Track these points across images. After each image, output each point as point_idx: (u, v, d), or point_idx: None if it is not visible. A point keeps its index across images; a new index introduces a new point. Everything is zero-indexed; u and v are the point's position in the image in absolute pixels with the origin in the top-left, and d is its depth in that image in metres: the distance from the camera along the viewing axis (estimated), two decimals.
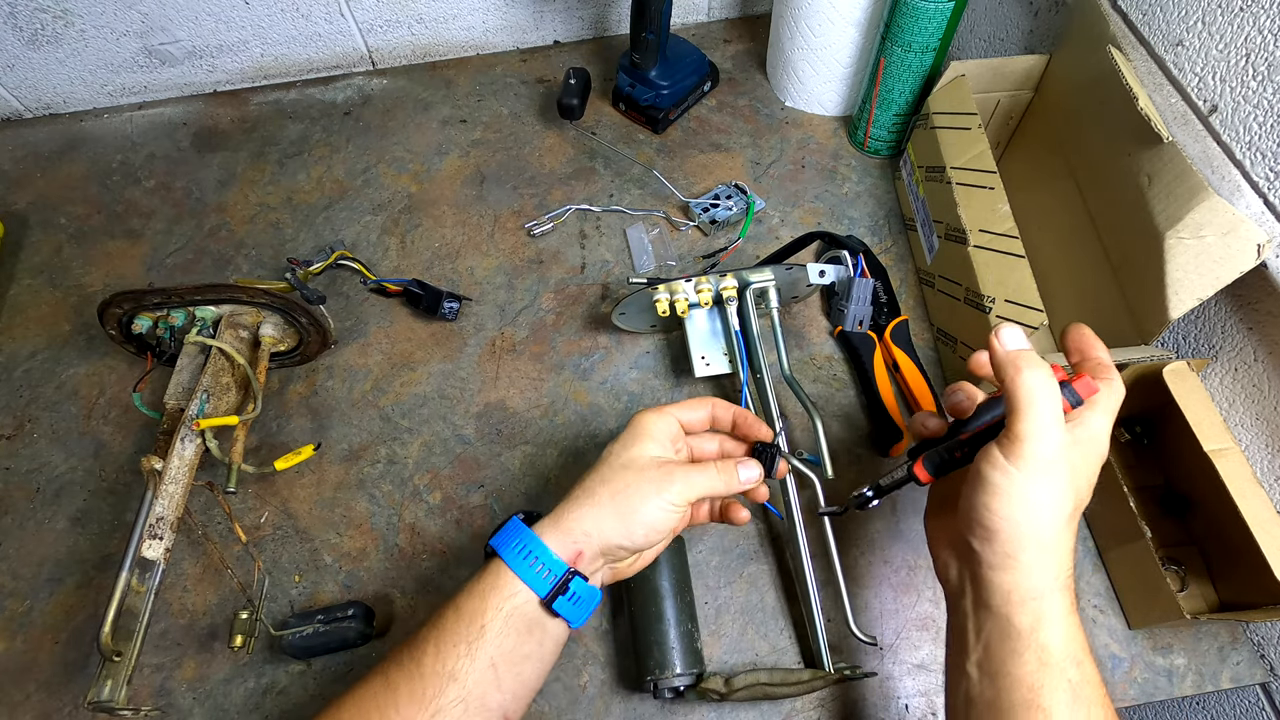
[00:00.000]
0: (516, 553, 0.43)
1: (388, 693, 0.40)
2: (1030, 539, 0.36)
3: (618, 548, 0.44)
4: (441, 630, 0.41)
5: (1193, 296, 0.50)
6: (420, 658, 0.40)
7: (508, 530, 0.44)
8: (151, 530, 0.53)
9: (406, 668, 0.40)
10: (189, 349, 0.62)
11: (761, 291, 0.62)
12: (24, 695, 0.55)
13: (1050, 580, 0.37)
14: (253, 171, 0.81)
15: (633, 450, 0.46)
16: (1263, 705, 0.57)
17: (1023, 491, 0.36)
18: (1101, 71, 0.57)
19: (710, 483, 0.46)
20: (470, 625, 0.41)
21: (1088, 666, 0.37)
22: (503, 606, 0.42)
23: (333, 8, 0.82)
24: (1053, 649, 0.36)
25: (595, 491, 0.44)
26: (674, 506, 0.44)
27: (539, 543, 0.43)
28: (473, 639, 0.41)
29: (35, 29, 0.77)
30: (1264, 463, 0.54)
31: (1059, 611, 0.37)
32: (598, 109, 0.86)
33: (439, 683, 0.40)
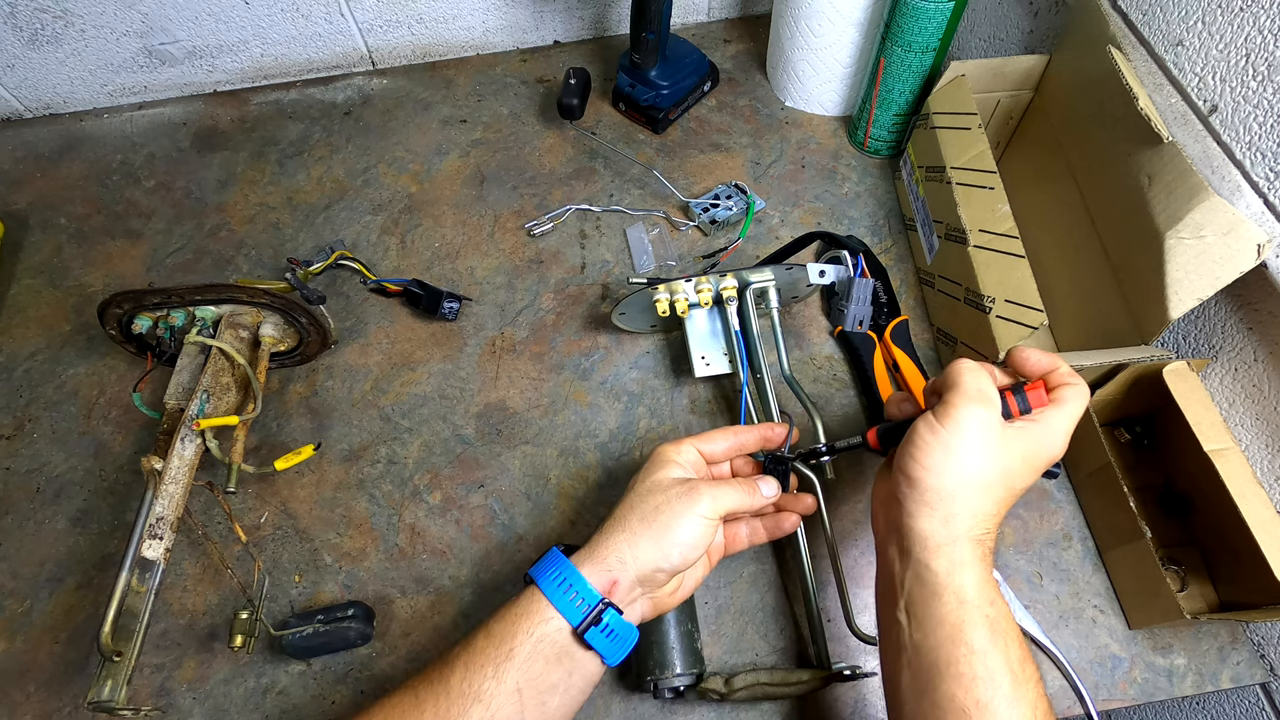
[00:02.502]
0: (552, 580, 0.43)
1: (415, 709, 0.40)
2: (947, 491, 0.40)
3: (655, 571, 0.44)
4: (471, 651, 0.42)
5: (1193, 296, 0.50)
6: (448, 676, 0.41)
7: (546, 560, 0.45)
8: (151, 530, 0.53)
9: (435, 686, 0.41)
10: (189, 349, 0.62)
11: (761, 291, 0.62)
12: (24, 695, 0.55)
13: (963, 531, 0.40)
14: (253, 171, 0.81)
15: (656, 475, 0.47)
16: (1263, 705, 0.57)
17: (944, 446, 0.40)
18: (1101, 71, 0.57)
19: (737, 496, 0.47)
20: (499, 648, 0.41)
21: (1001, 605, 0.40)
22: (533, 632, 0.42)
23: (333, 8, 0.82)
24: (968, 589, 0.39)
25: (625, 519, 0.45)
26: (706, 520, 0.45)
27: (575, 572, 0.43)
28: (500, 661, 0.41)
29: (35, 29, 0.77)
30: (1264, 463, 0.54)
31: (970, 558, 0.40)
32: (598, 109, 0.86)
33: (464, 703, 0.40)
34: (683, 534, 0.44)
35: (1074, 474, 0.62)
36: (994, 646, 0.38)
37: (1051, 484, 0.62)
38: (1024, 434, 0.42)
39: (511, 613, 0.43)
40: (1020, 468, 0.42)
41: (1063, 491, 0.62)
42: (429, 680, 0.41)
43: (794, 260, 0.70)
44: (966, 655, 0.38)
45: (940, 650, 0.39)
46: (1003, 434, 0.41)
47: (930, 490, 0.41)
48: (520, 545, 0.60)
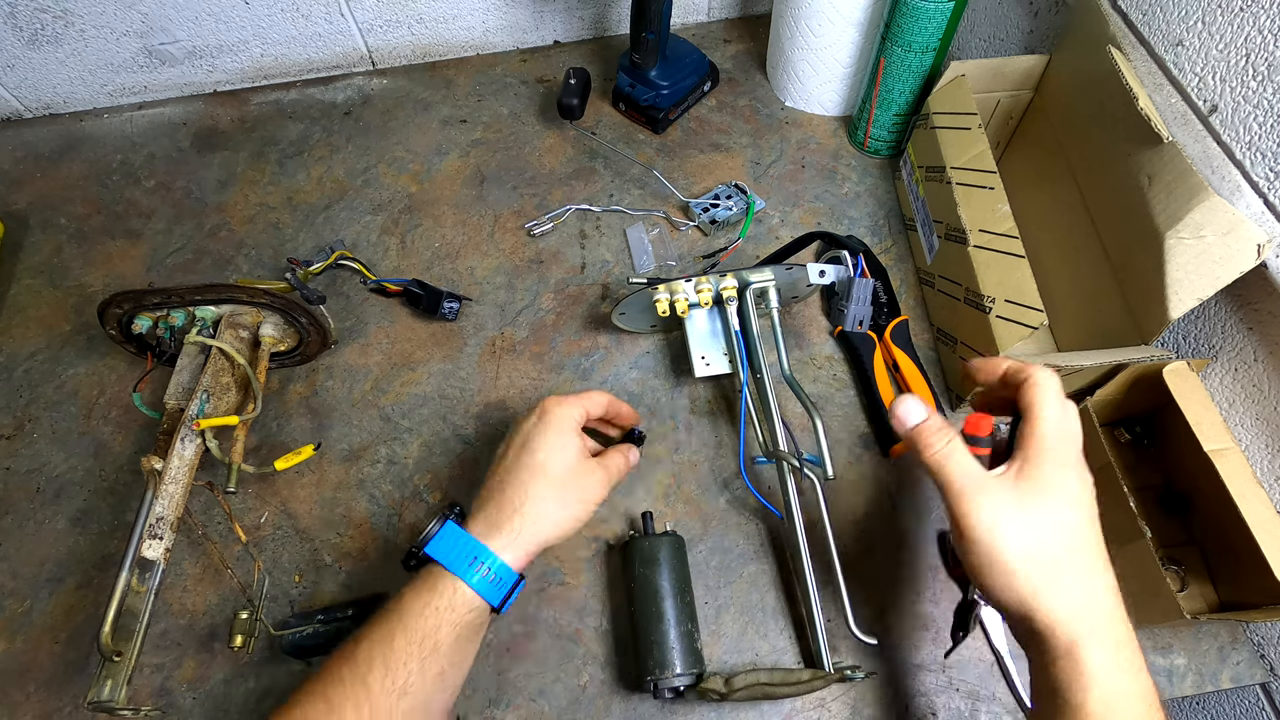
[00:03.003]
0: (470, 567, 0.43)
1: (331, 715, 0.39)
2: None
3: (557, 541, 0.48)
4: (390, 650, 0.41)
5: (1193, 296, 0.50)
6: (365, 677, 0.40)
7: (452, 541, 0.44)
8: (151, 530, 0.53)
9: (351, 688, 0.40)
10: (189, 349, 0.62)
11: (761, 291, 0.62)
12: (24, 695, 0.55)
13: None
14: (253, 171, 0.81)
15: (565, 455, 0.49)
16: (1263, 705, 0.57)
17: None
18: (1101, 71, 0.57)
19: (623, 470, 0.53)
20: (423, 644, 0.41)
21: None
22: (458, 623, 0.42)
23: (333, 8, 0.82)
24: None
25: (545, 502, 0.47)
26: (605, 495, 0.50)
27: (494, 558, 0.44)
28: (425, 656, 0.41)
29: (35, 29, 0.77)
30: (1264, 463, 0.54)
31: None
32: (598, 109, 0.86)
33: (390, 700, 0.40)
34: (593, 509, 0.49)
35: None
36: None
37: None
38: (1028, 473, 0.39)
39: (431, 605, 0.42)
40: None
41: None
42: (339, 681, 0.40)
43: (794, 260, 0.70)
44: None
45: None
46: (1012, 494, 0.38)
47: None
48: None
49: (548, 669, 0.55)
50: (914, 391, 0.64)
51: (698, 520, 0.61)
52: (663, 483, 0.62)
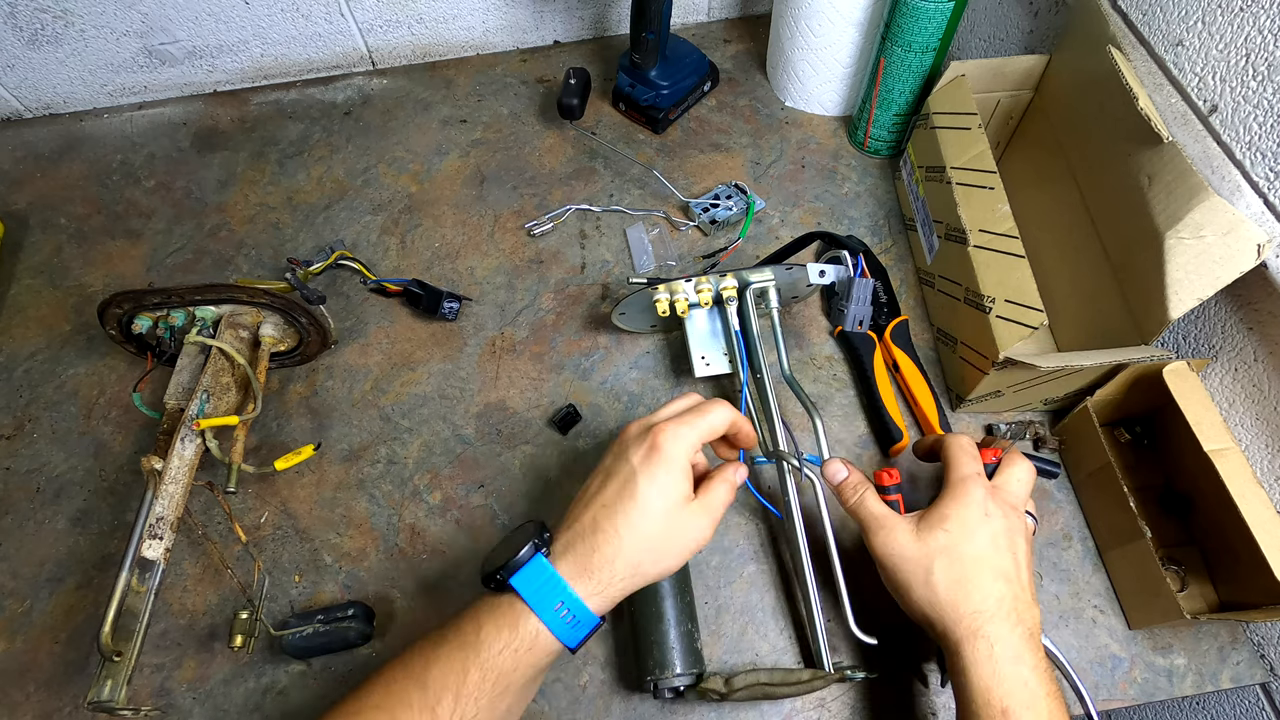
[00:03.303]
0: (554, 610, 0.41)
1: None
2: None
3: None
4: (464, 682, 0.40)
5: (1193, 296, 0.50)
6: (435, 706, 0.39)
7: (540, 578, 0.42)
8: (151, 530, 0.53)
9: (420, 714, 0.39)
10: (189, 349, 0.62)
11: (761, 291, 0.62)
12: (24, 695, 0.55)
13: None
14: (253, 171, 0.81)
15: (669, 500, 0.44)
16: (1263, 705, 0.57)
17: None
18: (1101, 71, 0.57)
19: (726, 504, 0.47)
20: (497, 683, 0.40)
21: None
22: (536, 664, 0.42)
23: (333, 8, 0.82)
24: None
25: (639, 553, 0.43)
26: (712, 532, 0.46)
27: (579, 603, 0.42)
28: (496, 694, 0.40)
29: (35, 29, 0.77)
30: (1264, 463, 0.54)
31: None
32: (598, 109, 0.86)
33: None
34: (682, 563, 0.46)
35: (1074, 474, 0.62)
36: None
37: (1051, 484, 0.62)
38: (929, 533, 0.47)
39: (511, 647, 0.41)
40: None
41: (1063, 491, 0.62)
42: (406, 705, 0.39)
43: (794, 260, 0.70)
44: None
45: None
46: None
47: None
48: None
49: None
50: (914, 392, 0.64)
51: None
52: None
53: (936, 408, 0.63)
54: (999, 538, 0.45)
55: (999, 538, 0.45)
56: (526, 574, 0.42)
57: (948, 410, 0.65)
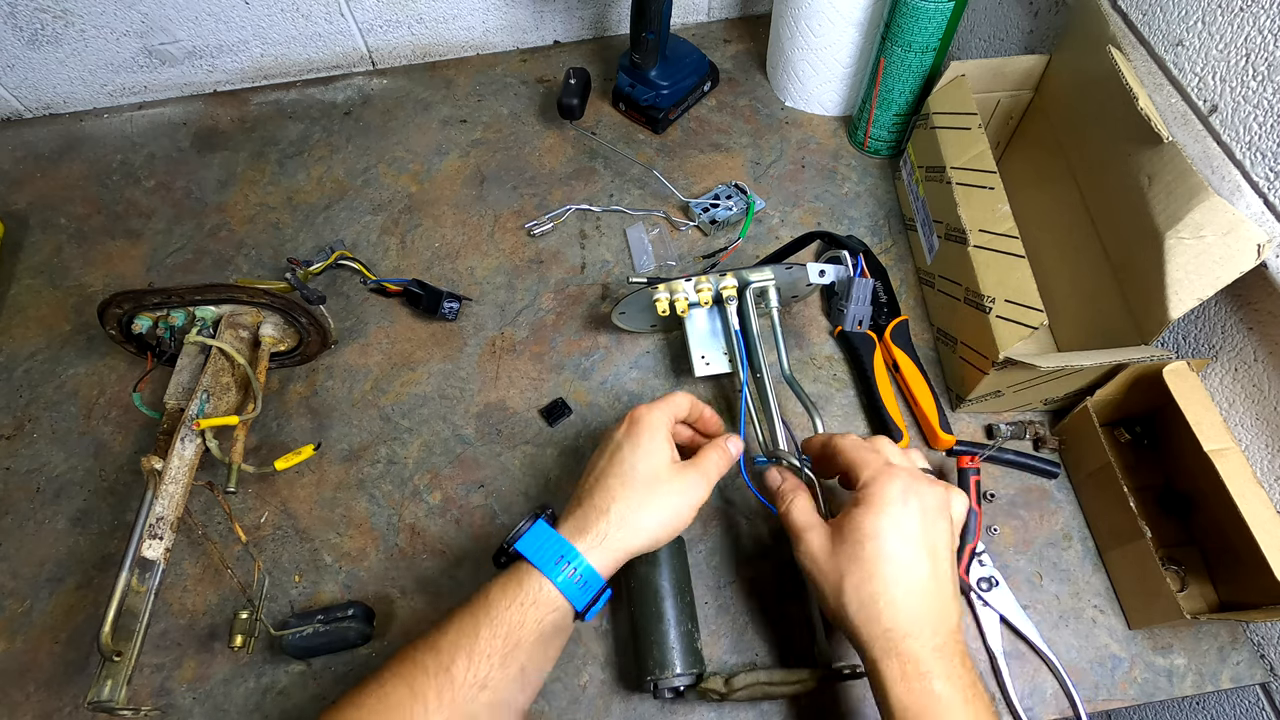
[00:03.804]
0: (557, 566, 0.44)
1: (413, 699, 0.40)
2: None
3: (649, 548, 0.48)
4: (475, 641, 0.41)
5: (1193, 296, 0.50)
6: (450, 666, 0.41)
7: (542, 540, 0.45)
8: (151, 530, 0.53)
9: (434, 676, 0.40)
10: (189, 349, 0.62)
11: (761, 291, 0.62)
12: (24, 695, 0.55)
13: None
14: (253, 171, 0.81)
15: (654, 460, 0.48)
16: (1263, 705, 0.57)
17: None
18: (1101, 71, 0.57)
19: (722, 468, 0.50)
20: (507, 639, 0.42)
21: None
22: (543, 620, 0.43)
23: (333, 8, 0.82)
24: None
25: (637, 511, 0.46)
26: (705, 498, 0.49)
27: (582, 560, 0.44)
28: (508, 652, 0.42)
29: (35, 29, 0.77)
30: (1264, 463, 0.54)
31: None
32: (598, 109, 0.86)
33: (471, 690, 0.40)
34: (687, 513, 0.48)
35: (1074, 474, 0.62)
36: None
37: (1051, 484, 0.62)
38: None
39: (516, 601, 0.43)
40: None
41: (1063, 491, 0.62)
42: (423, 669, 0.41)
43: (794, 260, 0.70)
44: None
45: None
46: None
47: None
48: None
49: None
50: (913, 392, 0.64)
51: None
52: None
53: (936, 408, 0.63)
54: (916, 538, 0.43)
55: (916, 538, 0.43)
56: (529, 538, 0.45)
57: (948, 410, 0.65)
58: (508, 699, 0.42)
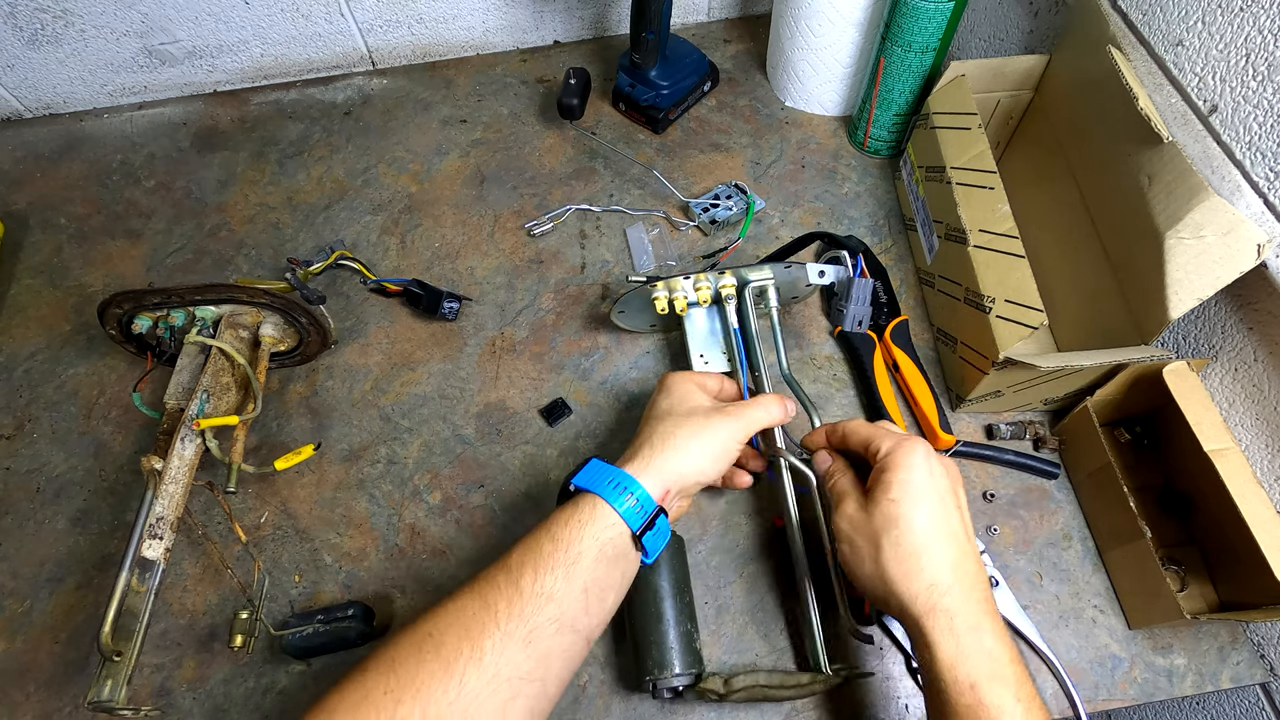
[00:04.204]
0: (612, 488, 0.45)
1: (485, 611, 0.41)
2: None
3: (695, 482, 0.49)
4: (539, 555, 0.43)
5: (1193, 296, 0.50)
6: (518, 580, 0.42)
7: (596, 471, 0.47)
8: (151, 530, 0.53)
9: (504, 589, 0.42)
10: (189, 349, 0.62)
11: (760, 291, 0.62)
12: (24, 695, 0.55)
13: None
14: (253, 171, 0.81)
15: (691, 400, 0.52)
16: (1263, 705, 0.57)
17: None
18: (1101, 71, 0.57)
19: (769, 414, 0.53)
20: (568, 552, 0.43)
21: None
22: (600, 537, 0.44)
23: (333, 8, 0.82)
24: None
25: (672, 434, 0.49)
26: (740, 440, 0.50)
27: (633, 481, 0.46)
28: (570, 564, 0.43)
29: (35, 29, 0.77)
30: (1264, 463, 0.54)
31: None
32: (598, 109, 0.86)
33: (538, 602, 0.41)
34: (723, 449, 0.50)
35: (1074, 474, 0.62)
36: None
37: (1051, 484, 0.62)
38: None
39: (575, 519, 0.44)
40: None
41: (1063, 491, 0.62)
42: (494, 584, 0.42)
43: (794, 260, 0.70)
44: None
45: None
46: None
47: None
48: None
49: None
50: (914, 392, 0.64)
51: (698, 520, 0.61)
52: None
53: (936, 408, 0.63)
54: (946, 496, 0.44)
55: (946, 496, 0.44)
56: (585, 472, 0.47)
57: (948, 410, 0.65)
58: (571, 616, 0.42)
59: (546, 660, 0.41)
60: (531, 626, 0.41)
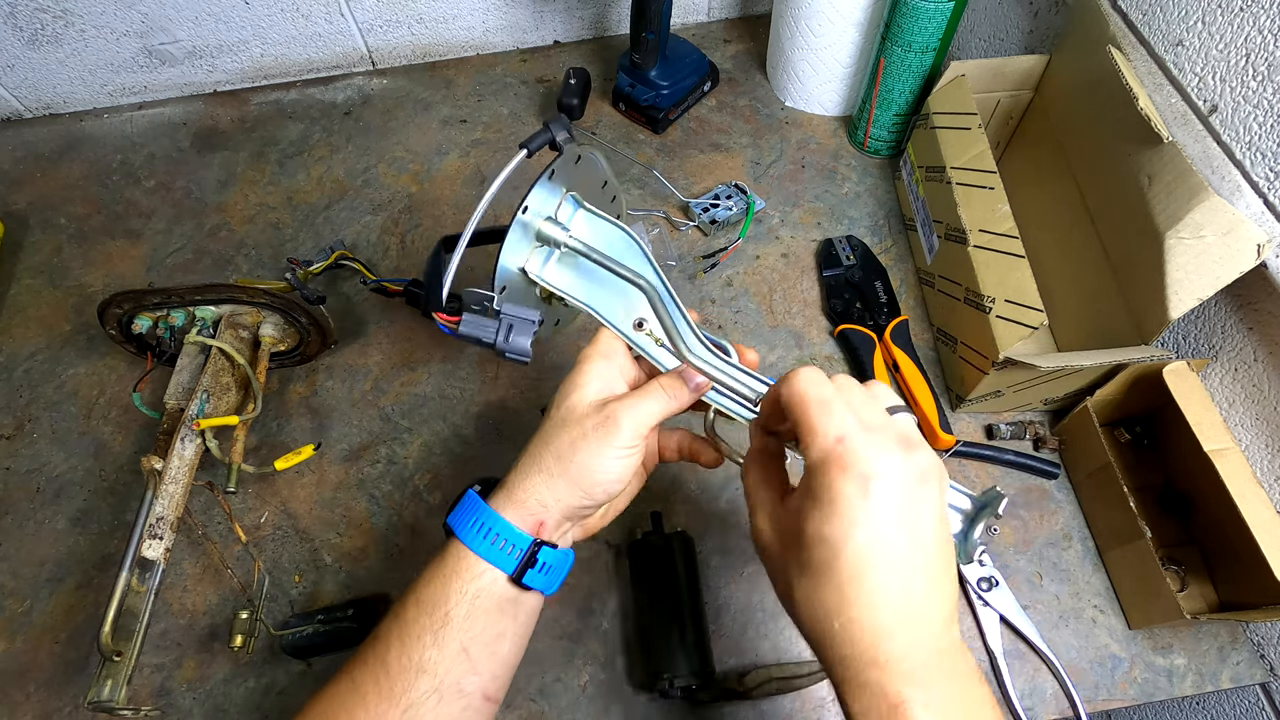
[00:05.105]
0: (475, 531, 0.40)
1: (353, 694, 0.38)
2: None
3: (580, 510, 0.41)
4: (404, 624, 0.39)
5: (1193, 296, 0.50)
6: (384, 655, 0.38)
7: (464, 508, 0.41)
8: (151, 530, 0.53)
9: (371, 666, 0.38)
10: (189, 349, 0.62)
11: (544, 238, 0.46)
12: (24, 695, 0.55)
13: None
14: (253, 171, 0.81)
15: (570, 399, 0.42)
16: (1263, 705, 0.57)
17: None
18: (1101, 71, 0.57)
19: (659, 405, 0.41)
20: (433, 615, 0.39)
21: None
22: (466, 590, 0.39)
23: (333, 8, 0.82)
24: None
25: (540, 456, 0.41)
26: (628, 451, 0.40)
27: (498, 518, 0.40)
28: (438, 628, 0.38)
29: (35, 29, 0.77)
30: (1264, 463, 0.54)
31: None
32: (598, 109, 0.86)
33: (407, 678, 0.38)
34: (602, 473, 0.40)
35: (1074, 474, 0.62)
36: None
37: (1051, 484, 0.62)
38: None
39: (439, 575, 0.40)
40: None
41: (1063, 491, 0.62)
42: (364, 662, 0.39)
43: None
44: None
45: None
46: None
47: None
48: None
49: (548, 669, 0.55)
50: (914, 392, 0.64)
51: (698, 520, 0.61)
52: (663, 482, 0.62)
53: (936, 408, 0.63)
54: (880, 538, 0.31)
55: (880, 538, 0.31)
56: (459, 509, 0.41)
57: (948, 410, 0.65)
58: (454, 682, 0.38)
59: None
60: (405, 705, 0.37)
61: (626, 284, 0.45)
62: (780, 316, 0.71)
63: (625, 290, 0.45)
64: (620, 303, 0.45)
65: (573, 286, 0.46)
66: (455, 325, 0.46)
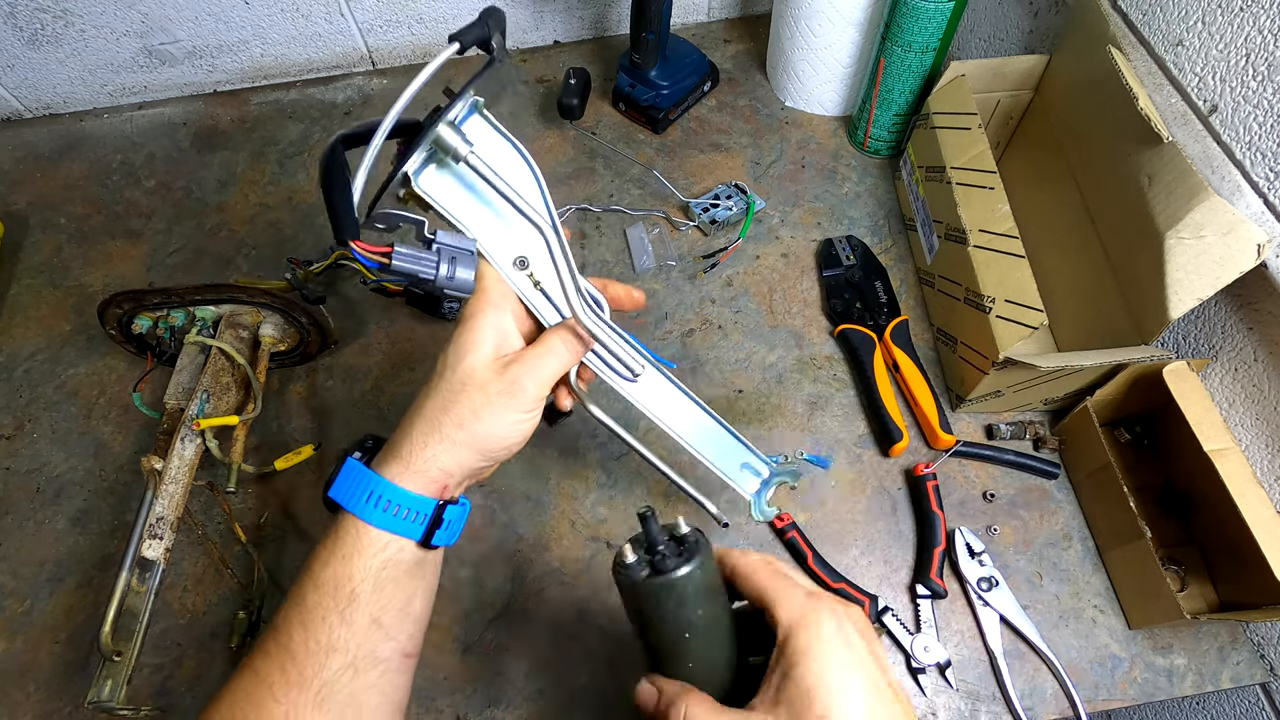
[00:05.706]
0: (371, 506, 0.37)
1: (260, 686, 0.37)
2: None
3: (482, 469, 0.41)
4: (305, 609, 0.37)
5: (1193, 296, 0.50)
6: (287, 643, 0.37)
7: (351, 480, 0.38)
8: (151, 530, 0.53)
9: (274, 656, 0.37)
10: (189, 349, 0.62)
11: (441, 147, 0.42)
12: (24, 695, 0.55)
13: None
14: (253, 171, 0.81)
15: (466, 360, 0.39)
16: (1263, 705, 0.57)
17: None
18: (1101, 71, 0.57)
19: (559, 362, 0.41)
20: (336, 595, 0.37)
21: None
22: (370, 565, 0.37)
23: (333, 8, 0.82)
24: None
25: (440, 424, 0.38)
26: (530, 414, 0.40)
27: (396, 489, 0.38)
28: (343, 608, 0.37)
29: (35, 29, 0.77)
30: (1264, 463, 0.54)
31: None
32: (598, 109, 0.86)
33: (317, 660, 0.36)
34: (507, 436, 0.39)
35: (1074, 474, 0.62)
36: None
37: (1051, 484, 0.62)
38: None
39: (338, 554, 0.37)
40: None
41: (1063, 491, 0.62)
42: (265, 653, 0.37)
43: None
44: None
45: None
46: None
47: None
48: (520, 545, 0.60)
49: (548, 669, 0.55)
50: (914, 392, 0.64)
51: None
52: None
53: (936, 408, 0.63)
54: (872, 671, 0.32)
55: (872, 671, 0.32)
56: (339, 481, 0.39)
57: (948, 410, 0.65)
58: (368, 652, 0.37)
59: (356, 706, 0.37)
60: (319, 685, 0.36)
61: (515, 216, 0.40)
62: (780, 316, 0.71)
63: (511, 222, 0.40)
64: (503, 235, 0.40)
65: (454, 204, 0.40)
66: (385, 259, 0.38)
